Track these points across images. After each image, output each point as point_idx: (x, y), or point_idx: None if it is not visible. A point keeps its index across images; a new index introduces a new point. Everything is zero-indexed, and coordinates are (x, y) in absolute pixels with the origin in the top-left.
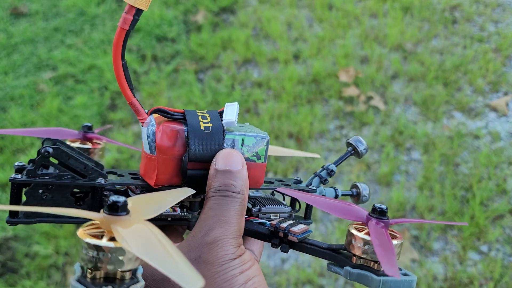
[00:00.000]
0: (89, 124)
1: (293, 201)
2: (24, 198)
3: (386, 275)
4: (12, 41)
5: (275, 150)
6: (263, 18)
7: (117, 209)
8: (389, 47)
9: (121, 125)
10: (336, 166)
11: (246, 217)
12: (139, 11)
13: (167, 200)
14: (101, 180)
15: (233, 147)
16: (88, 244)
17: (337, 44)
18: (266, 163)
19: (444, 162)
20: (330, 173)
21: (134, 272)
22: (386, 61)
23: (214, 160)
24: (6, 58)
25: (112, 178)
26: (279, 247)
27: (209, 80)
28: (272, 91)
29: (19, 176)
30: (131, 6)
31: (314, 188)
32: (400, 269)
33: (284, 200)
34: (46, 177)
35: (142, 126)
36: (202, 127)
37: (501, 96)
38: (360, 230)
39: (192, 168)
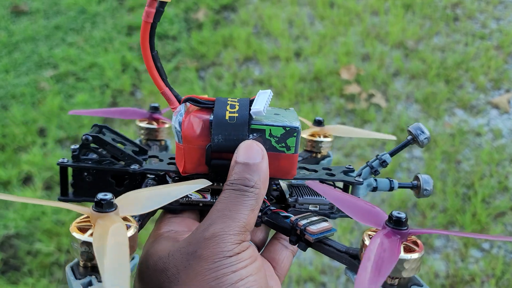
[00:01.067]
0: (156, 105)
1: (345, 188)
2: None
3: None
4: (13, 39)
5: (346, 130)
6: (264, 15)
7: (102, 206)
8: (391, 44)
9: (123, 123)
10: (391, 157)
11: (273, 209)
12: (162, 3)
13: (164, 197)
14: (135, 166)
15: (260, 137)
16: (73, 237)
17: (338, 42)
18: (297, 154)
19: (446, 160)
20: (383, 163)
21: None
22: (388, 58)
23: (236, 151)
24: (7, 56)
25: (154, 161)
26: (297, 245)
27: (210, 78)
28: (273, 89)
29: (65, 160)
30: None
31: (361, 180)
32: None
33: (335, 187)
34: (88, 162)
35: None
36: (227, 117)
37: (503, 93)
38: None
39: (217, 158)
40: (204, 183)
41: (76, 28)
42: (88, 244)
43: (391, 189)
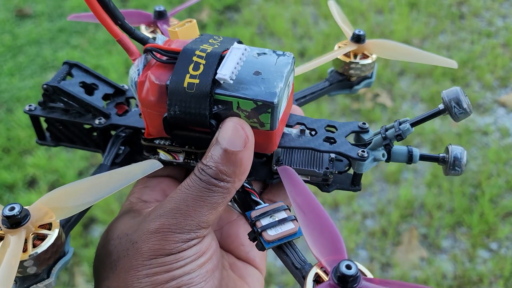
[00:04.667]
0: (162, 9)
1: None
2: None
3: None
4: (17, 43)
5: (393, 49)
6: (267, 15)
7: (8, 224)
8: None
9: None
10: (413, 127)
11: (249, 188)
12: None
13: (99, 191)
14: (100, 121)
15: (225, 110)
16: None
17: (342, 41)
18: (275, 129)
19: None
20: (397, 136)
21: (47, 270)
22: None
23: (220, 126)
24: (12, 60)
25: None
26: (255, 243)
27: None
28: None
29: (33, 107)
30: None
31: (365, 155)
32: None
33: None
34: (56, 111)
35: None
36: (185, 84)
37: (510, 91)
38: (321, 280)
39: (179, 128)
40: (155, 166)
41: (80, 30)
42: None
43: (410, 161)
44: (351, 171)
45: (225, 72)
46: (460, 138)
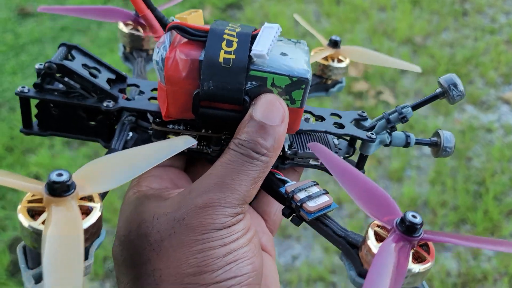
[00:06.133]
0: None
1: (352, 141)
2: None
3: None
4: (20, 41)
5: (365, 55)
6: (270, 13)
7: (55, 190)
8: (398, 41)
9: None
10: (413, 111)
11: (271, 169)
12: None
13: (137, 165)
14: (108, 103)
15: (260, 87)
16: (20, 222)
17: (345, 39)
18: (303, 108)
19: (456, 157)
20: (402, 119)
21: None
22: (396, 55)
23: (253, 103)
24: (15, 58)
25: (133, 92)
26: (289, 218)
27: None
28: None
29: (26, 89)
30: None
31: (374, 137)
32: None
33: (337, 138)
34: (54, 93)
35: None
36: (221, 59)
37: None
38: (379, 238)
39: (206, 106)
40: (189, 142)
41: (82, 29)
42: (40, 234)
43: (407, 144)
44: (352, 159)
45: (261, 48)
46: (463, 135)
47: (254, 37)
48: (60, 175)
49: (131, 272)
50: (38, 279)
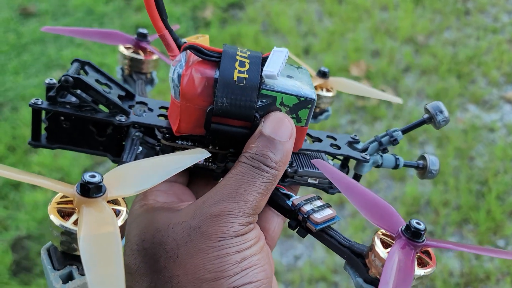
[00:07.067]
0: (145, 31)
1: (345, 160)
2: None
3: None
4: (22, 41)
5: (350, 86)
6: (272, 13)
7: (88, 191)
8: (401, 40)
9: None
10: (403, 134)
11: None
12: None
13: (161, 172)
14: (121, 118)
15: (269, 105)
16: (51, 222)
17: (347, 38)
18: (307, 127)
19: (459, 156)
20: (393, 141)
21: None
22: (398, 54)
23: (262, 120)
24: (17, 58)
25: (142, 110)
26: (295, 230)
27: None
28: None
29: (39, 101)
30: None
31: (368, 157)
32: None
33: (332, 159)
34: (67, 106)
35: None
36: (235, 78)
37: None
38: (385, 245)
39: (218, 122)
40: (203, 154)
41: None
42: (70, 234)
43: (396, 166)
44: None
45: (272, 69)
46: (466, 135)
47: (264, 61)
48: (93, 176)
49: (146, 279)
50: (66, 279)
